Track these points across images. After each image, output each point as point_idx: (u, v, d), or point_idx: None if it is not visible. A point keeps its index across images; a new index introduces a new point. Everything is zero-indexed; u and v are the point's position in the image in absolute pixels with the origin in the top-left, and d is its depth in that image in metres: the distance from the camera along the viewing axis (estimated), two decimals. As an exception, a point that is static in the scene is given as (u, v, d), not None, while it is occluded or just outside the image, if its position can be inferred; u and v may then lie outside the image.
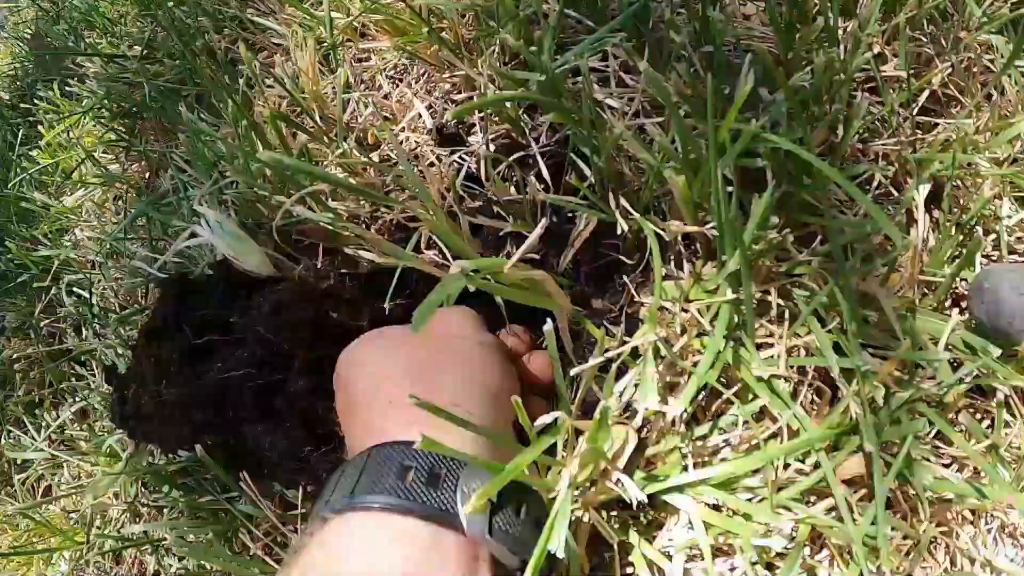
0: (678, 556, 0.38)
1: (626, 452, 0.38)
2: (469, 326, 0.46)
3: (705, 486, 0.38)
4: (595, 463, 0.36)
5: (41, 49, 1.05)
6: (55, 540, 0.81)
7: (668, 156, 0.43)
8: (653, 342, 0.38)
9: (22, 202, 0.87)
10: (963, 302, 0.48)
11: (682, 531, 0.40)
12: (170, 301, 0.56)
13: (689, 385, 0.39)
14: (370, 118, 0.56)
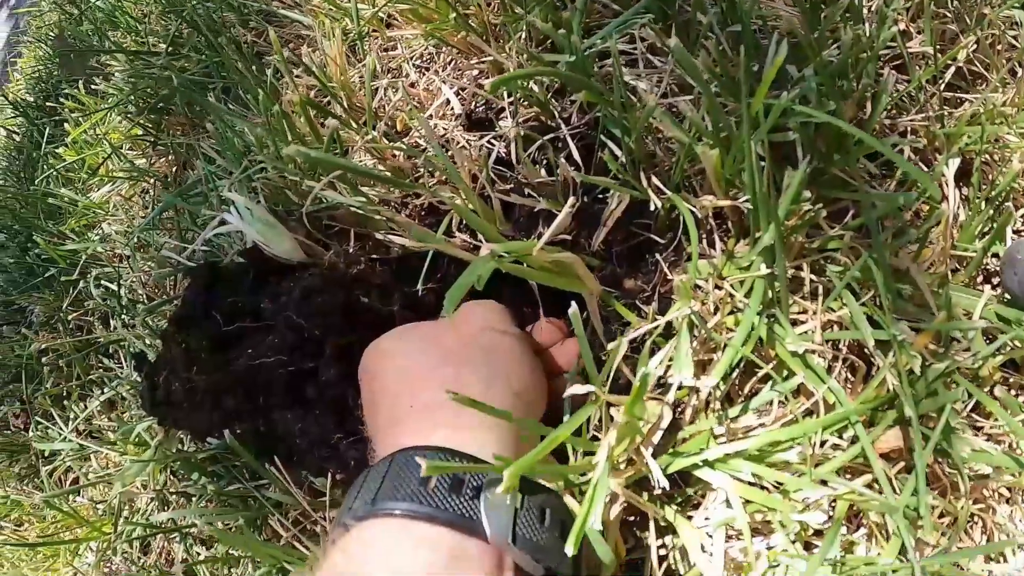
0: (718, 533, 0.38)
1: (660, 428, 0.38)
2: (495, 322, 0.46)
3: (740, 459, 0.38)
4: (631, 437, 0.36)
5: (66, 49, 1.06)
6: (82, 531, 0.82)
7: (700, 132, 0.43)
8: (688, 315, 0.38)
9: (49, 198, 0.88)
10: (995, 278, 0.48)
11: (719, 508, 0.40)
12: (199, 288, 0.57)
13: (723, 358, 0.38)
14: (399, 103, 0.56)
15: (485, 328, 0.45)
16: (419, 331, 0.46)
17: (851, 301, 0.39)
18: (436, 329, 0.46)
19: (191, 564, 0.66)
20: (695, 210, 0.44)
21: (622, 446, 0.36)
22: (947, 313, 0.38)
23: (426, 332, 0.46)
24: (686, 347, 0.37)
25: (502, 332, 0.45)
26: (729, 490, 0.38)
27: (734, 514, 0.39)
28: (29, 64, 1.31)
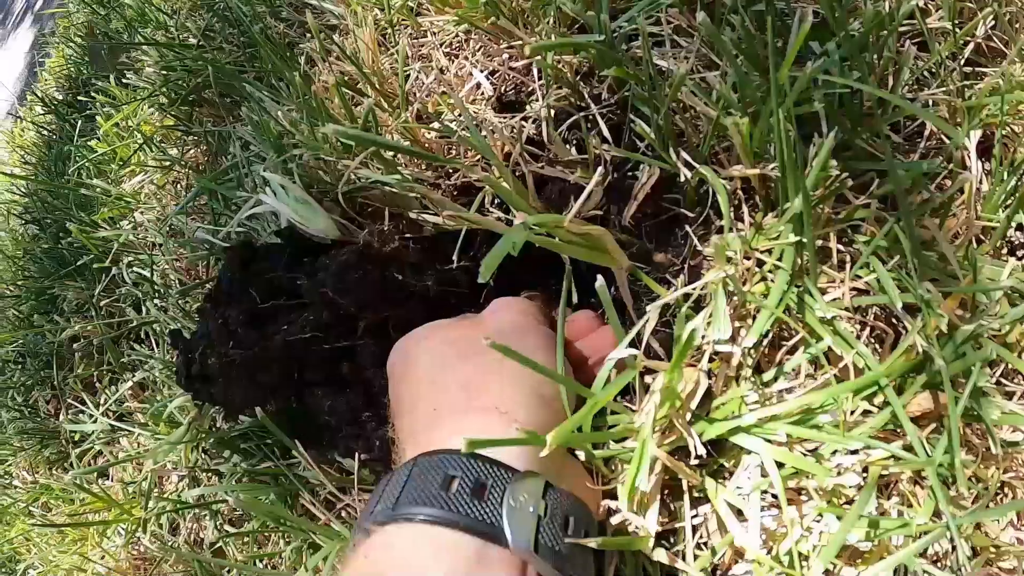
0: (753, 497, 0.39)
1: (697, 394, 0.39)
2: (522, 321, 0.45)
3: (776, 422, 0.39)
4: (671, 402, 0.37)
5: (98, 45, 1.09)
6: (111, 513, 0.83)
7: (728, 105, 0.44)
8: (723, 278, 0.39)
9: (81, 189, 0.91)
10: (1020, 250, 0.48)
11: (754, 474, 0.41)
12: (235, 267, 0.58)
13: (759, 319, 0.39)
14: (432, 85, 0.58)
15: (512, 327, 0.44)
16: (443, 331, 0.45)
17: (879, 266, 0.40)
18: (460, 329, 0.45)
19: (221, 540, 0.67)
20: (724, 182, 0.45)
21: (664, 409, 0.36)
22: (973, 275, 0.39)
23: (449, 333, 0.45)
24: (723, 307, 0.37)
25: (530, 331, 0.44)
26: (763, 454, 0.38)
27: (769, 479, 0.39)
28: (57, 64, 1.33)
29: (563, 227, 0.39)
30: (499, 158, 0.48)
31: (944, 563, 0.42)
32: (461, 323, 0.46)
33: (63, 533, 0.95)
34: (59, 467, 0.97)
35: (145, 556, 0.86)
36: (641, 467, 0.33)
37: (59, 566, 0.96)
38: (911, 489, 0.42)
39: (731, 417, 0.40)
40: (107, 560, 0.87)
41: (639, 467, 0.33)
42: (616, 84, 0.54)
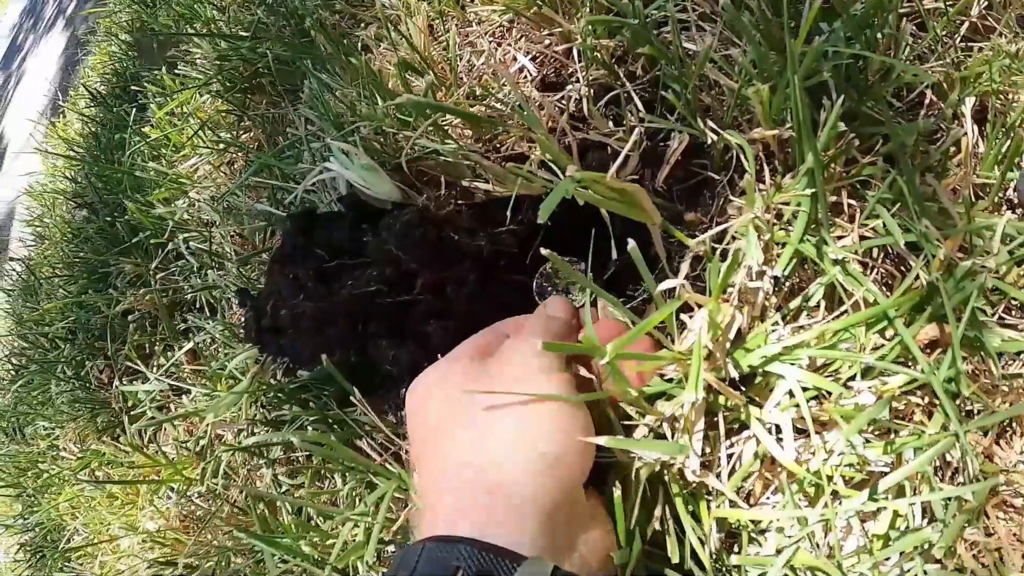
0: (786, 415, 0.44)
1: (734, 327, 0.45)
2: (536, 367, 0.43)
3: (801, 349, 0.44)
4: (714, 332, 0.43)
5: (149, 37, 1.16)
6: (164, 472, 0.88)
7: (749, 76, 0.50)
8: (753, 218, 0.44)
9: (135, 172, 0.97)
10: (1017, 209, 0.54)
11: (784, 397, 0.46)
12: (299, 232, 0.64)
13: (784, 253, 0.45)
14: (482, 67, 0.64)
15: (524, 375, 0.42)
16: (454, 380, 0.44)
17: (884, 212, 0.46)
18: (471, 376, 0.44)
19: (278, 492, 0.73)
20: (746, 146, 0.51)
21: (708, 337, 0.42)
22: (967, 218, 0.45)
23: (460, 381, 0.44)
24: (755, 240, 0.43)
25: (543, 382, 0.42)
26: (790, 377, 0.44)
27: (795, 401, 0.45)
28: (100, 60, 1.40)
29: (604, 183, 0.45)
30: (545, 129, 0.54)
31: (954, 482, 0.48)
32: (473, 366, 0.45)
33: (113, 496, 1.01)
34: (109, 435, 1.02)
35: (195, 516, 0.91)
36: (699, 375, 0.38)
37: (106, 529, 1.02)
38: (923, 419, 0.47)
39: (760, 347, 0.46)
40: (157, 519, 0.92)
41: (697, 375, 0.38)
42: (648, 64, 0.60)
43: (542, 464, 0.39)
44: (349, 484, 0.65)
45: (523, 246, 0.60)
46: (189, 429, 0.90)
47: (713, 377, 0.44)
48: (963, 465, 0.47)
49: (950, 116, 0.55)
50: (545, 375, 0.42)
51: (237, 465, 0.79)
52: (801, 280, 0.51)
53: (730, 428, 0.50)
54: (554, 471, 0.39)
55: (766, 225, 0.47)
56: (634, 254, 0.45)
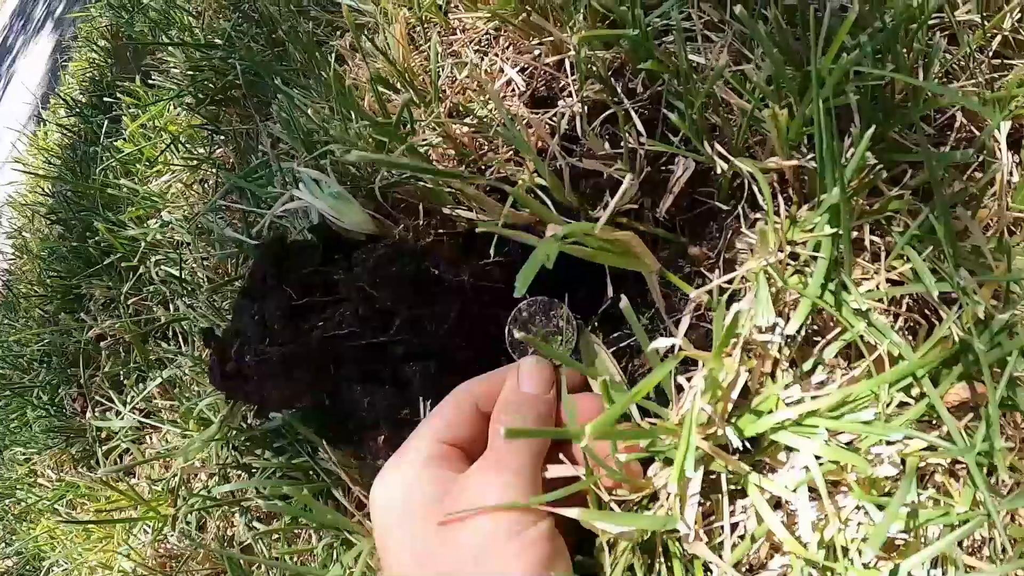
0: (800, 494, 0.39)
1: (738, 385, 0.39)
2: (503, 528, 0.39)
3: (815, 418, 0.39)
4: (714, 392, 0.37)
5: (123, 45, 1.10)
6: (138, 511, 0.83)
7: (764, 95, 0.44)
8: (764, 266, 0.39)
9: (107, 189, 0.91)
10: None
11: (798, 471, 0.41)
12: (269, 262, 0.58)
13: (800, 306, 0.39)
14: (465, 80, 0.58)
15: (488, 545, 0.39)
16: (421, 511, 0.41)
17: (914, 256, 0.40)
18: (429, 528, 0.41)
19: (251, 537, 0.68)
20: (758, 176, 0.45)
21: (706, 399, 0.36)
22: (1007, 264, 0.39)
23: (427, 515, 0.41)
24: (765, 293, 0.37)
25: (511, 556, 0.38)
26: (804, 450, 0.38)
27: (811, 475, 0.39)
28: (80, 67, 1.35)
29: (593, 235, 0.39)
30: (534, 152, 0.49)
31: (980, 555, 0.42)
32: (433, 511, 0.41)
33: (88, 531, 0.96)
34: (84, 465, 0.97)
35: (172, 554, 0.86)
36: (688, 453, 0.33)
37: (84, 564, 0.97)
38: (946, 480, 0.41)
39: (771, 412, 0.40)
40: (133, 557, 0.87)
41: (685, 453, 0.33)
42: (649, 79, 0.54)
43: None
44: (324, 540, 0.60)
45: (509, 280, 0.54)
46: (165, 464, 0.85)
47: (710, 445, 0.39)
48: (990, 539, 0.42)
49: (981, 143, 0.49)
50: (514, 546, 0.38)
51: (211, 509, 0.73)
52: (817, 326, 0.45)
53: (734, 490, 0.45)
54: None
55: (778, 272, 0.41)
56: (626, 312, 0.40)
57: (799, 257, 0.43)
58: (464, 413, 0.45)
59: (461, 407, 0.45)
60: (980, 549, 0.43)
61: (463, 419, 0.45)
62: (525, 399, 0.44)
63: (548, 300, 0.51)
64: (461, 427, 0.45)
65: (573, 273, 0.56)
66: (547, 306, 0.51)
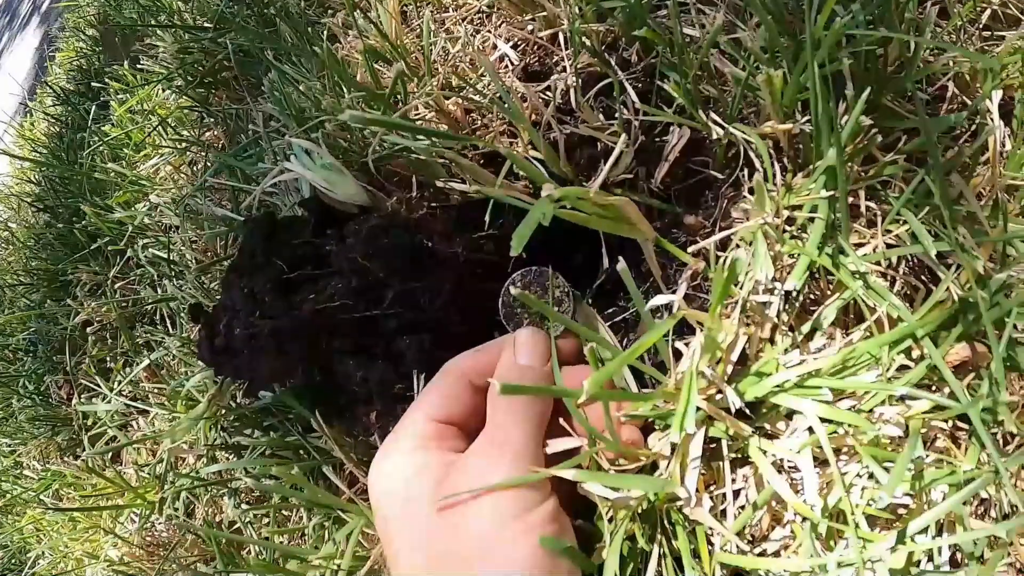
0: (804, 455, 0.38)
1: (737, 347, 0.39)
2: (508, 509, 0.38)
3: (817, 379, 0.38)
4: (713, 353, 0.37)
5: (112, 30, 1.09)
6: (124, 498, 0.82)
7: (758, 61, 0.44)
8: (761, 224, 0.38)
9: (95, 174, 0.90)
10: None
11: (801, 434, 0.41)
12: (258, 237, 0.57)
13: (798, 264, 0.39)
14: (458, 55, 0.58)
15: (492, 530, 0.38)
16: (414, 506, 0.40)
17: (910, 217, 0.40)
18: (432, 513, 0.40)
19: (240, 519, 0.67)
20: (754, 141, 0.45)
21: (705, 360, 0.36)
22: (1004, 225, 0.39)
23: (423, 517, 0.40)
24: (763, 248, 0.37)
25: (519, 538, 0.38)
26: (808, 412, 0.38)
27: (814, 437, 0.39)
28: (67, 56, 1.34)
29: (588, 199, 0.39)
30: (529, 123, 0.48)
31: (988, 517, 0.42)
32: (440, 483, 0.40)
33: (75, 521, 0.94)
34: (70, 454, 0.96)
35: (159, 541, 0.85)
36: (689, 408, 0.32)
37: (70, 554, 0.95)
38: (949, 444, 0.41)
39: (771, 375, 0.40)
40: (120, 546, 0.86)
41: (686, 408, 0.32)
42: (643, 51, 0.54)
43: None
44: (316, 519, 0.59)
45: (504, 253, 0.54)
46: (152, 450, 0.84)
47: (712, 406, 0.38)
48: (997, 499, 0.42)
49: (974, 108, 0.49)
50: (519, 526, 0.37)
51: (199, 492, 0.72)
52: (813, 294, 0.45)
53: (736, 458, 0.44)
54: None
55: (776, 232, 0.41)
56: (623, 275, 0.39)
57: (795, 222, 0.43)
58: (457, 389, 0.44)
59: (453, 383, 0.44)
60: (987, 512, 0.43)
61: (456, 396, 0.44)
62: (523, 371, 0.44)
63: (542, 270, 0.50)
64: (455, 404, 0.44)
65: (567, 248, 0.55)
66: (542, 277, 0.50)
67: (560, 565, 0.38)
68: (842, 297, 0.40)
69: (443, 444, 0.43)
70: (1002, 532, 0.38)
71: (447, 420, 0.44)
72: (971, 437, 0.41)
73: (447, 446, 0.43)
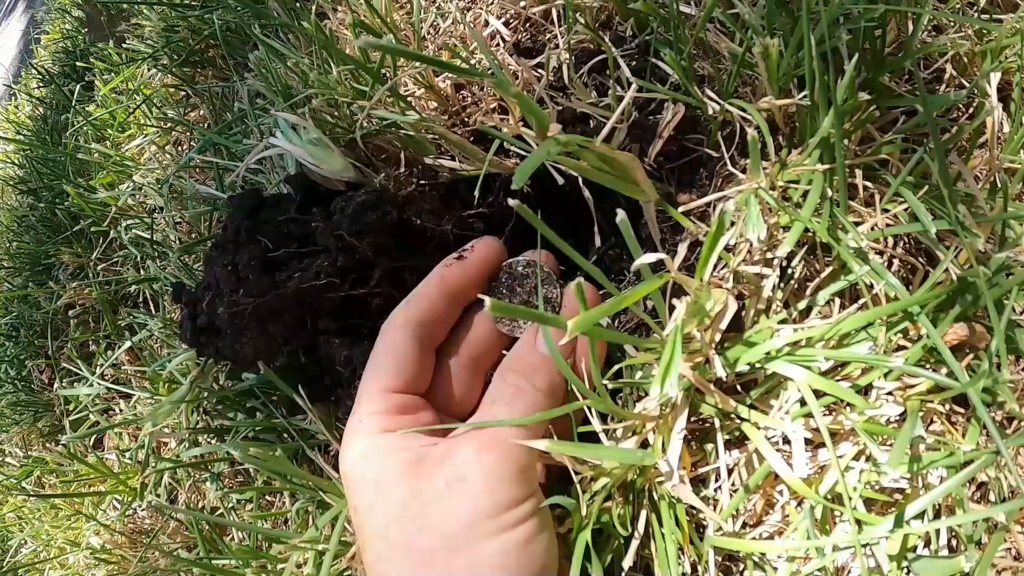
0: (796, 425, 0.37)
1: (727, 316, 0.38)
2: (485, 508, 0.36)
3: (812, 348, 0.38)
4: (700, 318, 0.36)
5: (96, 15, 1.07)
6: (106, 484, 0.81)
7: (755, 33, 0.43)
8: (755, 188, 0.37)
9: (79, 154, 0.89)
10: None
11: (792, 406, 0.40)
12: (243, 213, 0.56)
13: (792, 230, 0.38)
14: (449, 30, 0.57)
15: (469, 526, 0.36)
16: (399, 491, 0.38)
17: (908, 195, 0.39)
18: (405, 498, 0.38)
19: (223, 503, 0.66)
20: (749, 117, 0.44)
21: (692, 325, 0.35)
22: (1004, 203, 0.38)
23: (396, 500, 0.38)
24: (756, 210, 0.36)
25: (491, 539, 0.36)
26: (800, 381, 0.37)
27: (807, 408, 0.38)
28: (53, 38, 1.31)
29: (593, 150, 0.38)
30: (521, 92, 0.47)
31: (986, 501, 0.41)
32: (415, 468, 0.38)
33: (56, 508, 0.93)
34: (53, 440, 0.94)
35: (141, 528, 0.84)
36: (672, 366, 0.31)
37: (52, 542, 0.94)
38: (946, 426, 0.41)
39: (762, 343, 0.39)
40: (102, 533, 0.84)
41: (668, 365, 0.31)
42: (638, 27, 0.53)
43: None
44: (299, 503, 0.58)
45: (494, 230, 0.53)
46: (134, 435, 0.82)
47: (697, 375, 0.37)
48: (996, 483, 0.41)
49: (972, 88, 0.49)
50: (492, 526, 0.36)
51: (181, 478, 0.71)
52: (810, 270, 0.44)
53: (728, 440, 0.44)
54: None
55: (772, 198, 0.40)
56: (623, 226, 0.37)
57: (791, 199, 0.43)
58: (404, 354, 0.42)
59: (399, 348, 0.42)
60: (984, 497, 0.42)
61: (404, 355, 0.42)
62: (544, 362, 0.41)
63: (528, 261, 0.49)
64: (406, 366, 0.42)
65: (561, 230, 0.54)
66: (529, 266, 0.49)
67: (530, 565, 0.36)
68: (843, 277, 0.39)
69: (408, 420, 0.41)
70: (1001, 515, 0.37)
71: (403, 388, 0.42)
72: (970, 420, 0.40)
73: (412, 421, 0.41)
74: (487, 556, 0.35)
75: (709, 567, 0.41)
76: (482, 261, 0.46)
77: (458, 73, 0.50)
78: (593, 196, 0.47)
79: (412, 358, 0.42)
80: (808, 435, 0.39)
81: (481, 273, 0.46)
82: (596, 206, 0.48)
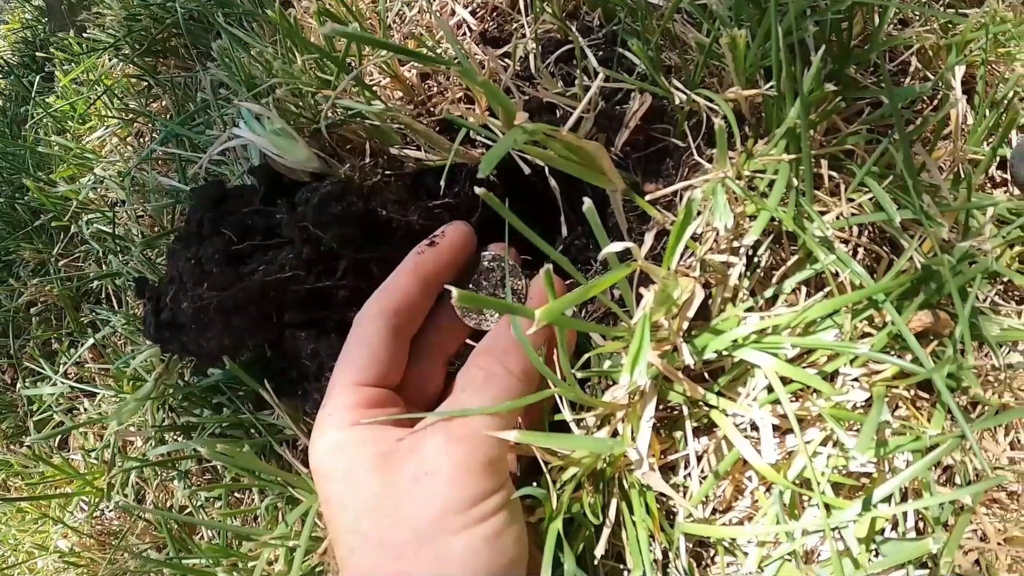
0: (764, 411, 0.38)
1: (694, 304, 0.38)
2: (455, 502, 0.36)
3: (778, 336, 0.38)
4: (668, 307, 0.36)
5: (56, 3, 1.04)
6: (73, 485, 0.79)
7: (722, 24, 0.43)
8: (721, 178, 0.38)
9: (38, 148, 0.86)
10: (1005, 187, 0.49)
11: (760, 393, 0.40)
12: (206, 205, 0.55)
13: (758, 219, 0.38)
14: (415, 19, 0.56)
15: (437, 519, 0.35)
16: (369, 488, 0.37)
17: (874, 185, 0.40)
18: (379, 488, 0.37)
19: (191, 501, 0.65)
20: (716, 107, 0.44)
21: (660, 313, 0.35)
22: (968, 193, 0.39)
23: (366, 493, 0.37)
24: (722, 199, 0.36)
25: (460, 532, 0.36)
26: (767, 368, 0.37)
27: (774, 395, 0.38)
28: (11, 29, 1.28)
29: (560, 139, 0.37)
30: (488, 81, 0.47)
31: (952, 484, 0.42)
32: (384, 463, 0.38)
33: (23, 511, 0.91)
34: (17, 441, 0.92)
35: (110, 530, 0.82)
36: (640, 354, 0.31)
37: (19, 547, 0.92)
38: (912, 411, 0.41)
39: (728, 331, 0.39)
40: (70, 536, 0.83)
41: (637, 354, 0.31)
42: (605, 17, 0.52)
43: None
44: (268, 499, 0.57)
45: (461, 220, 0.52)
46: (99, 434, 0.80)
47: (665, 363, 0.37)
48: (961, 466, 0.42)
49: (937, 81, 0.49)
50: (461, 521, 0.35)
51: (149, 477, 0.70)
52: (776, 259, 0.45)
53: (697, 427, 0.44)
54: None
55: (741, 188, 0.40)
56: (589, 215, 0.37)
57: (757, 189, 0.43)
58: (378, 346, 0.41)
59: (373, 340, 0.42)
60: (950, 480, 0.43)
61: (379, 353, 0.41)
62: (518, 346, 0.39)
63: (494, 255, 0.48)
64: (380, 362, 0.41)
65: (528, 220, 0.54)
66: (495, 260, 0.48)
67: (499, 559, 0.36)
68: (809, 266, 0.39)
69: (379, 414, 0.40)
70: (967, 497, 0.38)
71: (375, 382, 0.41)
72: (935, 405, 0.41)
73: (383, 415, 0.40)
74: (455, 552, 0.35)
75: (680, 553, 0.42)
76: (453, 246, 0.46)
77: (424, 62, 0.50)
78: (560, 186, 0.47)
79: (386, 350, 0.41)
80: (776, 421, 0.40)
81: (454, 258, 0.46)
82: (563, 196, 0.48)
